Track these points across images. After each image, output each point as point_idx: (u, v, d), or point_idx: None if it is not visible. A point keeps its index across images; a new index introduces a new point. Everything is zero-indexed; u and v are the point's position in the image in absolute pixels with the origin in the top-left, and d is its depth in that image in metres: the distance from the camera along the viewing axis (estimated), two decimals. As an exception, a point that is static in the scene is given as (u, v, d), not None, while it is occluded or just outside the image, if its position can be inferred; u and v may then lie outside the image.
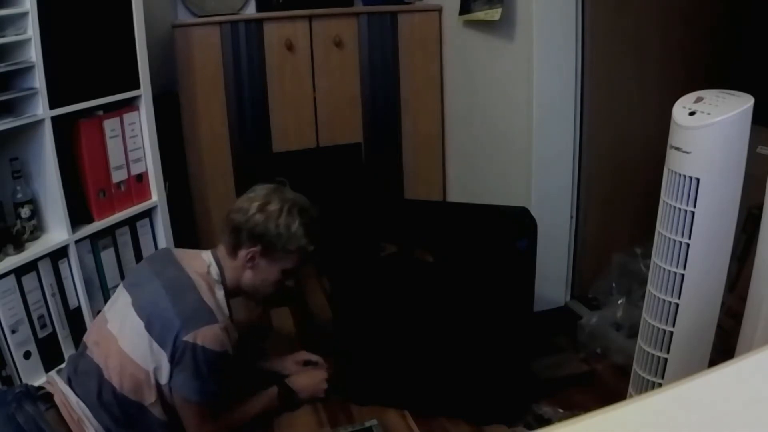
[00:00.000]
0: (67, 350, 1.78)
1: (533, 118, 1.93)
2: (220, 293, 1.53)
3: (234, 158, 2.42)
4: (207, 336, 1.39)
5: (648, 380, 1.22)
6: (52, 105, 1.67)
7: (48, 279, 1.72)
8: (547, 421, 1.57)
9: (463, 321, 1.55)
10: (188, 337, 1.38)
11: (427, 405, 1.64)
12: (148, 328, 1.41)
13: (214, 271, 1.55)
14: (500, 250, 1.49)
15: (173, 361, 1.39)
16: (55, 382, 1.43)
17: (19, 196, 1.70)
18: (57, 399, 1.39)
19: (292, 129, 2.46)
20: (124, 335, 1.43)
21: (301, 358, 1.80)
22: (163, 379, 1.41)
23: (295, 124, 2.47)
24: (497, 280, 1.49)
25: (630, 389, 1.29)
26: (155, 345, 1.40)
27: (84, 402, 1.39)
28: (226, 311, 1.52)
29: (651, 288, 1.19)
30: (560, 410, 1.59)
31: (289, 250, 1.55)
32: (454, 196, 2.63)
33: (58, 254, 1.75)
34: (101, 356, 1.42)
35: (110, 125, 1.88)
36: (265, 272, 1.57)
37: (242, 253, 1.54)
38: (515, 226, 1.53)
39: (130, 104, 1.95)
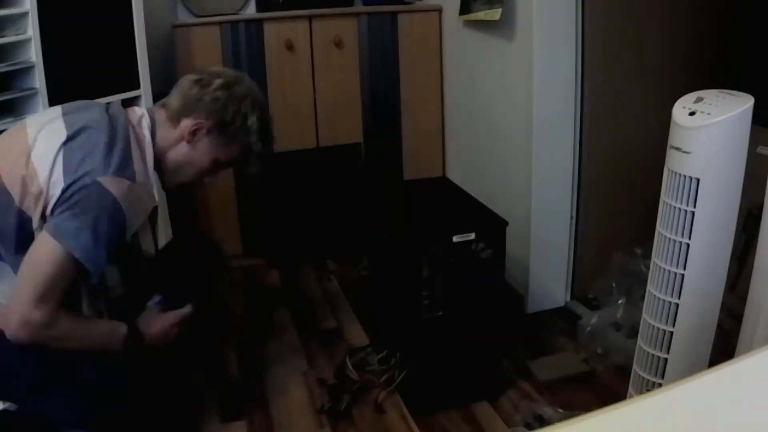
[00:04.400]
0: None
1: (533, 118, 1.93)
2: (150, 153, 1.36)
3: (234, 158, 2.42)
4: (120, 187, 1.22)
5: (648, 380, 1.22)
6: (52, 105, 1.66)
7: (48, 279, 1.72)
8: (547, 422, 1.57)
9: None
10: (101, 179, 1.20)
11: (420, 394, 1.64)
12: (66, 144, 1.24)
13: (146, 124, 1.38)
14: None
15: (63, 196, 1.20)
16: None
17: (19, 196, 1.70)
18: None
19: (292, 129, 2.46)
20: (38, 139, 1.26)
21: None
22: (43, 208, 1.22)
23: (295, 124, 2.47)
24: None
25: (630, 389, 1.29)
26: (59, 167, 1.22)
27: None
28: (151, 177, 1.35)
29: (651, 288, 1.19)
30: (560, 410, 1.59)
31: (237, 138, 1.43)
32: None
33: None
34: None
35: (110, 125, 1.87)
36: (199, 153, 1.42)
37: (186, 123, 1.38)
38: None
39: (130, 104, 1.94)
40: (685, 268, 1.12)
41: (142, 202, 1.31)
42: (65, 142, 1.24)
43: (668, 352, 1.18)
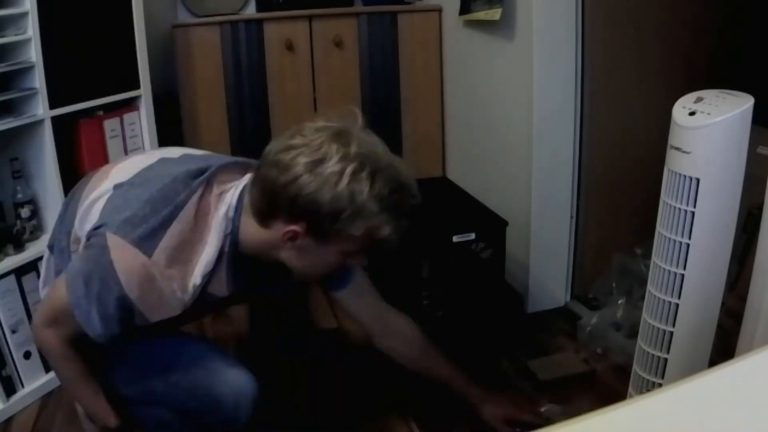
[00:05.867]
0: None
1: (533, 117, 1.93)
2: (216, 239, 1.08)
3: (234, 158, 2.42)
4: (120, 250, 1.02)
5: (648, 380, 1.21)
6: (52, 105, 1.67)
7: (48, 279, 1.72)
8: (547, 421, 1.57)
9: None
10: (110, 235, 1.04)
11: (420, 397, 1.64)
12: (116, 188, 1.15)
13: (223, 222, 1.09)
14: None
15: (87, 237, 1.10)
16: None
17: (19, 196, 1.70)
18: None
19: (292, 129, 2.46)
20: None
21: None
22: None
23: (295, 124, 2.47)
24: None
25: (630, 389, 1.28)
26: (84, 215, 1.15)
27: None
28: (192, 280, 1.07)
29: (651, 288, 1.19)
30: (558, 407, 1.59)
31: (354, 229, 1.05)
32: (454, 196, 2.64)
33: (58, 254, 1.75)
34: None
35: (110, 125, 1.88)
36: (314, 254, 1.10)
37: (278, 226, 1.07)
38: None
39: (130, 104, 1.95)
40: (685, 268, 1.12)
41: (159, 293, 1.06)
42: (118, 185, 1.14)
43: (668, 352, 1.18)
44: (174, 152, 1.28)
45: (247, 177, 1.14)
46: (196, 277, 1.07)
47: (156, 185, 1.10)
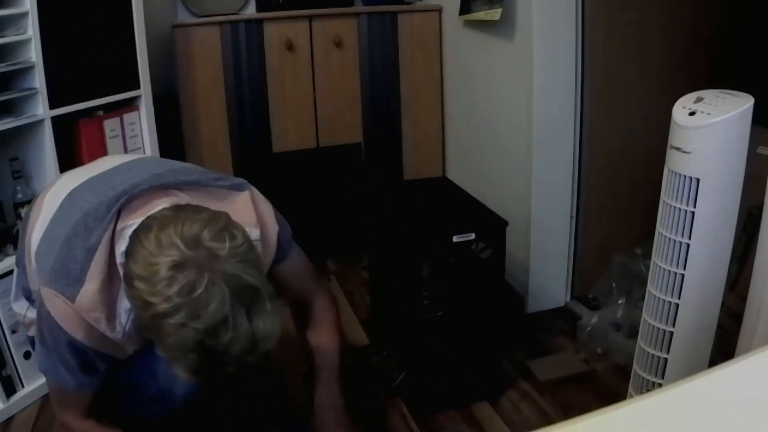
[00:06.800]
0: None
1: (533, 117, 1.93)
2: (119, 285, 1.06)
3: (234, 158, 2.42)
4: (51, 301, 1.04)
5: (648, 380, 1.22)
6: (52, 105, 1.67)
7: (48, 279, 1.72)
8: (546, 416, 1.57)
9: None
10: (42, 290, 1.06)
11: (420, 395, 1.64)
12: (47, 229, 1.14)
13: (127, 238, 1.03)
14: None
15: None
16: None
17: (19, 196, 1.70)
18: None
19: (292, 129, 2.46)
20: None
21: None
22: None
23: (295, 124, 2.47)
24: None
25: (630, 389, 1.28)
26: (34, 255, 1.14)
27: None
28: (117, 320, 1.07)
29: (651, 288, 1.19)
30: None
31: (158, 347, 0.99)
32: (454, 196, 2.64)
33: (58, 254, 1.75)
34: None
35: (110, 125, 1.88)
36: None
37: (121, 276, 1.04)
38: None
39: (130, 104, 1.95)
40: (685, 268, 1.12)
41: (98, 332, 1.06)
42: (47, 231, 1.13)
43: (668, 352, 1.18)
44: (106, 166, 1.24)
45: (157, 209, 1.06)
46: (120, 317, 1.06)
47: (70, 222, 1.08)
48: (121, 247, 1.03)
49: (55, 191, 1.21)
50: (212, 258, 0.93)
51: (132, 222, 1.04)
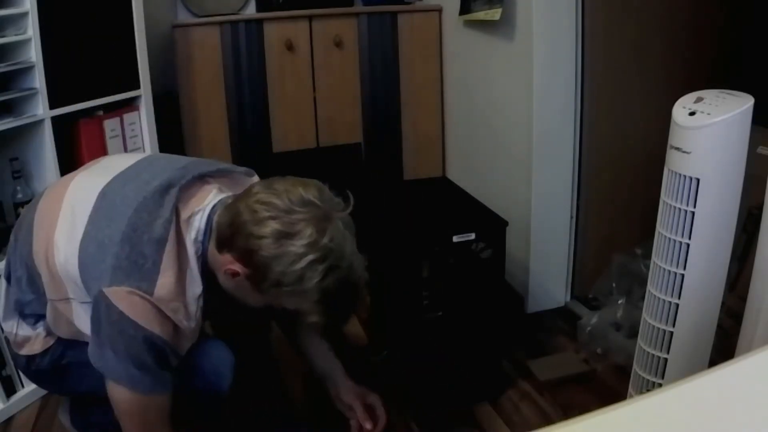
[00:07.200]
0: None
1: (533, 117, 1.93)
2: (194, 263, 1.12)
3: (234, 158, 2.42)
4: (125, 300, 1.05)
5: (648, 380, 1.22)
6: (52, 105, 1.66)
7: (48, 279, 1.72)
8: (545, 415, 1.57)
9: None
10: (106, 290, 1.06)
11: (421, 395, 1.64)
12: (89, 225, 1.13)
13: (195, 231, 1.13)
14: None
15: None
16: None
17: (19, 196, 1.70)
18: None
19: (292, 129, 2.46)
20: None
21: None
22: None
23: (295, 124, 2.47)
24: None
25: (630, 389, 1.29)
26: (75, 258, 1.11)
27: None
28: (190, 302, 1.12)
29: (651, 288, 1.19)
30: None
31: (280, 300, 1.13)
32: (454, 196, 2.63)
33: (58, 254, 1.75)
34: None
35: (110, 125, 1.88)
36: (245, 292, 1.15)
37: (226, 258, 1.11)
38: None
39: (130, 104, 1.95)
40: (685, 268, 1.12)
41: (174, 325, 1.10)
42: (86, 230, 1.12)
43: (668, 352, 1.18)
44: (121, 164, 1.24)
45: (211, 196, 1.18)
46: (190, 305, 1.12)
47: (121, 219, 1.11)
48: (191, 234, 1.12)
49: (75, 194, 1.19)
50: (335, 210, 1.10)
51: (198, 209, 1.15)
